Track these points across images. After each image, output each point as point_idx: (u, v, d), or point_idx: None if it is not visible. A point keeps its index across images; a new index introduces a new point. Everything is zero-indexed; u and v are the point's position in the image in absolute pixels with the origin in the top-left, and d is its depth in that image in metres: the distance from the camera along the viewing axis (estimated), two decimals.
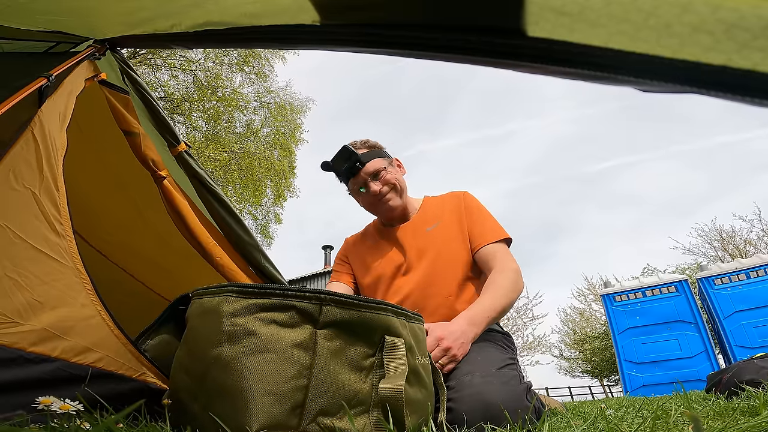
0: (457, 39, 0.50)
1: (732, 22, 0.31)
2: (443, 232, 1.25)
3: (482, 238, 1.19)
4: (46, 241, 0.73)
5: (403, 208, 1.32)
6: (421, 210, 1.34)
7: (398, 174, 1.31)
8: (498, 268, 1.12)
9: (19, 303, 0.64)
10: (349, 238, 1.47)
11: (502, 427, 0.70)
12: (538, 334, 16.44)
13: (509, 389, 0.84)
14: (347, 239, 1.48)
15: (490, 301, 1.03)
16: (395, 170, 1.30)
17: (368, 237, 1.41)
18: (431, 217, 1.30)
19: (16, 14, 1.03)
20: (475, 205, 1.28)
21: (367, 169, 1.23)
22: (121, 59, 1.22)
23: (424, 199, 1.39)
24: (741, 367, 1.33)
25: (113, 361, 0.74)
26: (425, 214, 1.32)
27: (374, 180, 1.25)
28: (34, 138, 0.80)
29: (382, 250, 1.31)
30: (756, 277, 4.18)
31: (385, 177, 1.24)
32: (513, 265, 1.13)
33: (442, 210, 1.30)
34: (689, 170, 38.89)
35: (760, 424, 0.52)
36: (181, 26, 0.98)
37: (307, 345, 0.55)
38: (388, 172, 1.26)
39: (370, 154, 1.24)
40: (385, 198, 1.26)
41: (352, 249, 1.42)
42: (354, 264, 1.38)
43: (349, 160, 1.21)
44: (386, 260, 1.28)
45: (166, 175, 1.24)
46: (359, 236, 1.45)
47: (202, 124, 10.36)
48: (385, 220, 1.37)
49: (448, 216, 1.28)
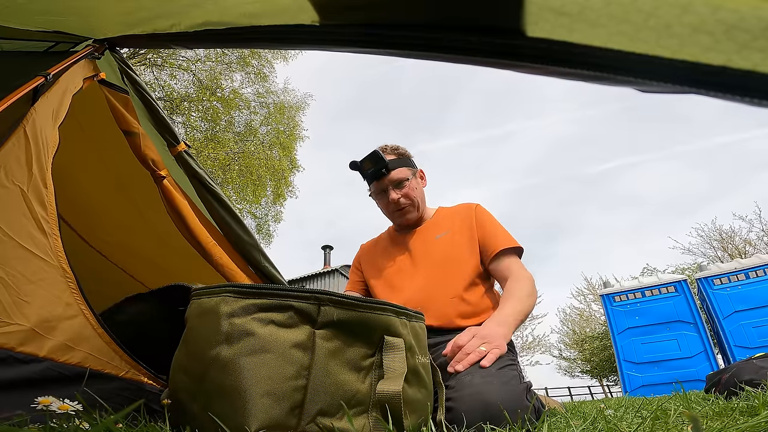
0: (457, 39, 0.50)
1: (732, 23, 0.31)
2: (452, 239, 1.28)
3: (495, 246, 1.22)
4: (32, 240, 0.73)
5: (418, 218, 1.37)
6: (433, 219, 1.39)
7: (419, 187, 1.37)
8: (514, 277, 1.15)
9: (6, 302, 0.64)
10: (363, 245, 1.53)
11: (501, 427, 0.70)
12: (537, 334, 16.47)
13: (509, 389, 0.84)
14: (362, 245, 1.53)
15: (511, 307, 1.05)
16: (417, 183, 1.36)
17: (380, 242, 1.47)
18: (442, 226, 1.34)
19: (15, 14, 1.03)
20: (487, 217, 1.31)
21: (392, 176, 1.28)
22: (120, 59, 1.22)
23: (437, 210, 1.44)
24: (740, 367, 1.33)
25: (98, 360, 0.74)
26: (436, 223, 1.36)
27: (396, 188, 1.30)
28: (26, 135, 0.80)
29: (392, 254, 1.37)
30: (755, 277, 4.18)
31: (406, 189, 1.30)
32: (527, 274, 1.16)
33: (453, 220, 1.34)
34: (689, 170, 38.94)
35: (760, 424, 0.52)
36: (181, 26, 0.98)
37: (305, 345, 0.55)
38: (410, 183, 1.31)
39: (398, 162, 1.30)
40: (402, 210, 1.31)
41: (364, 255, 1.47)
42: (365, 268, 1.43)
43: (377, 164, 1.26)
44: (394, 263, 1.33)
45: (165, 175, 1.24)
46: (373, 242, 1.51)
47: (201, 124, 10.35)
48: (398, 227, 1.42)
49: (458, 225, 1.32)
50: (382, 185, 1.30)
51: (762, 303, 4.02)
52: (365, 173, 1.31)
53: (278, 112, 11.36)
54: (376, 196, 1.36)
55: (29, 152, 0.79)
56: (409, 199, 1.30)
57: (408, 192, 1.30)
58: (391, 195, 1.29)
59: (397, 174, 1.29)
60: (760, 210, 12.95)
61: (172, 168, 1.31)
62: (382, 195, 1.33)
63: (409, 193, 1.30)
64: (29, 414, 0.55)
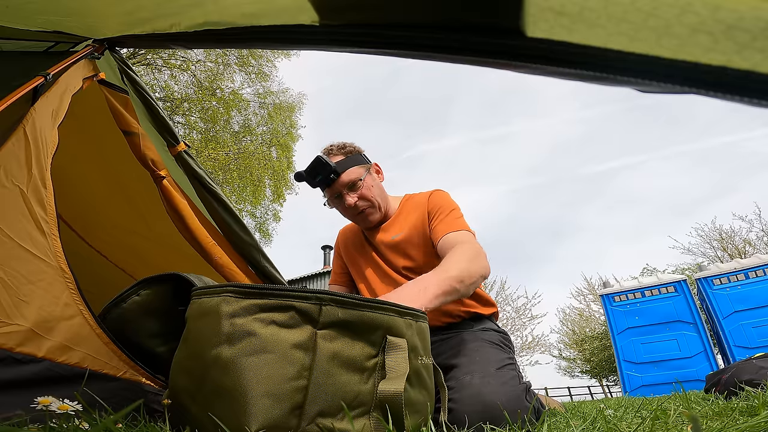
0: (457, 39, 0.50)
1: (731, 23, 0.31)
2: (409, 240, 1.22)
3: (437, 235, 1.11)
4: (31, 240, 0.73)
5: (383, 216, 1.29)
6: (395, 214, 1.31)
7: (376, 183, 1.27)
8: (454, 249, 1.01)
9: (6, 302, 0.64)
10: (342, 229, 1.47)
11: (501, 427, 0.70)
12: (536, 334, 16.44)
13: (508, 389, 0.84)
14: (340, 230, 1.47)
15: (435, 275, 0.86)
16: (372, 179, 1.26)
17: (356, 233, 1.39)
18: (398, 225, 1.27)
19: (15, 14, 1.03)
20: (437, 205, 1.20)
21: (342, 180, 1.19)
22: (120, 59, 1.21)
23: (402, 200, 1.35)
24: (740, 367, 1.33)
25: (96, 360, 0.74)
26: (395, 221, 1.29)
27: (350, 191, 1.21)
28: (25, 135, 0.80)
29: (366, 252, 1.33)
30: (755, 277, 4.18)
31: (361, 191, 1.20)
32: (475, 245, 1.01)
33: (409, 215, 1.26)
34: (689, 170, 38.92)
35: (759, 424, 0.52)
36: (181, 26, 0.97)
37: (306, 345, 0.54)
38: (365, 182, 1.21)
39: (347, 162, 1.20)
40: (362, 213, 1.23)
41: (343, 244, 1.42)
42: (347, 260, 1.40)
43: (324, 171, 1.16)
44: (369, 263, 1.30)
45: (165, 175, 1.24)
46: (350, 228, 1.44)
47: (201, 124, 10.36)
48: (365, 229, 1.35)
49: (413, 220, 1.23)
50: (334, 191, 1.21)
51: (762, 303, 4.02)
52: (314, 183, 1.20)
53: (275, 111, 11.38)
54: (332, 203, 1.27)
55: (29, 152, 0.79)
56: (367, 200, 1.22)
57: (364, 192, 1.20)
58: (347, 200, 1.19)
59: (348, 176, 1.19)
60: (759, 210, 12.98)
61: (171, 168, 1.31)
62: (337, 201, 1.24)
63: (365, 194, 1.21)
64: (29, 414, 0.55)
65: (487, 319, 1.19)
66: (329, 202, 1.28)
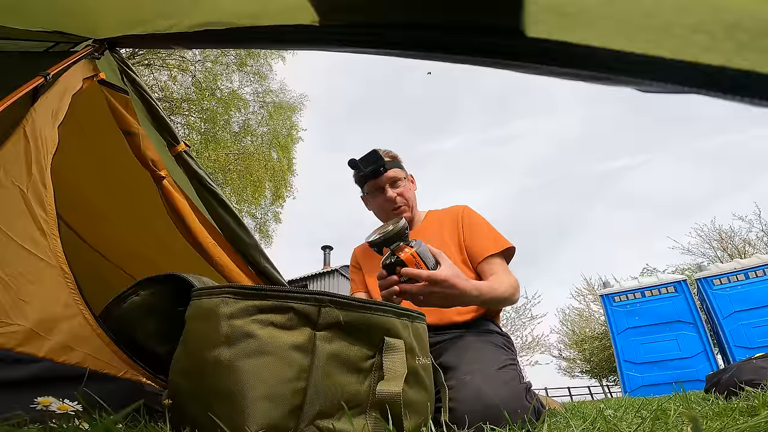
0: (457, 39, 0.50)
1: (731, 23, 0.31)
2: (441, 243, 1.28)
3: (480, 252, 1.22)
4: (32, 240, 0.73)
5: (410, 220, 1.38)
6: (423, 223, 1.41)
7: (411, 189, 1.41)
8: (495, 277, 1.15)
9: (6, 302, 0.64)
10: (356, 248, 1.53)
11: (501, 427, 0.70)
12: (536, 334, 16.43)
13: (509, 389, 0.84)
14: (355, 249, 1.53)
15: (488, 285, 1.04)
16: (409, 185, 1.39)
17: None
18: (430, 233, 1.35)
19: (15, 14, 1.03)
20: (474, 220, 1.32)
21: (389, 174, 1.32)
22: (120, 59, 1.21)
23: (427, 214, 1.45)
24: (740, 367, 1.33)
25: (96, 360, 0.74)
26: (425, 229, 1.38)
27: (392, 187, 1.33)
28: (25, 135, 0.80)
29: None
30: (755, 277, 4.18)
31: (401, 189, 1.34)
32: (511, 278, 1.16)
33: (441, 224, 1.36)
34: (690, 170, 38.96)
35: (759, 424, 0.52)
36: (180, 26, 0.97)
37: (305, 347, 0.54)
38: (404, 184, 1.35)
39: (393, 164, 1.34)
40: (398, 209, 1.33)
41: (360, 255, 1.47)
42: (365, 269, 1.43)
43: (375, 162, 1.29)
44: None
45: (165, 175, 1.24)
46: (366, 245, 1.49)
47: (200, 125, 10.35)
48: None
49: (447, 228, 1.33)
50: (378, 183, 1.32)
51: (761, 303, 4.02)
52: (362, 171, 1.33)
53: (276, 112, 11.37)
54: (372, 195, 1.37)
55: (29, 152, 0.79)
56: (405, 199, 1.33)
57: (403, 191, 1.33)
58: (389, 193, 1.31)
59: (394, 173, 1.33)
60: (759, 210, 12.94)
61: (171, 168, 1.31)
62: (377, 194, 1.34)
63: (404, 193, 1.33)
64: (29, 414, 0.55)
65: (490, 322, 1.20)
66: (369, 195, 1.37)
